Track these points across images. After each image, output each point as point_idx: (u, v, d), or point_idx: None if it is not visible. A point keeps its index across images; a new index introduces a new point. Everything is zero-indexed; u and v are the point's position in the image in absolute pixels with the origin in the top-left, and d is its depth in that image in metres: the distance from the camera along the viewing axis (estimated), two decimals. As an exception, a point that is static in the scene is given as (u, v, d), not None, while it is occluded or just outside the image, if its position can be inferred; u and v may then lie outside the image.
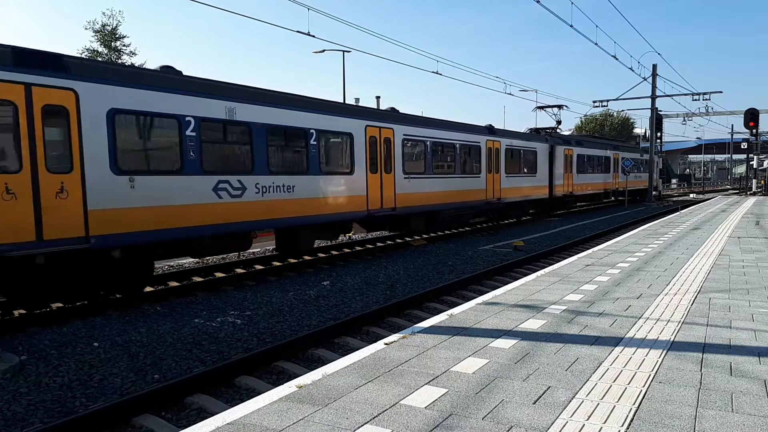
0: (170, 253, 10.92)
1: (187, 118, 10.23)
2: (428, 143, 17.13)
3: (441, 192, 17.84)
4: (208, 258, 14.41)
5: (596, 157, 31.95)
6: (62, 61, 8.67)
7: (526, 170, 23.85)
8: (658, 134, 37.85)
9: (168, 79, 10.27)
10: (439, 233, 19.56)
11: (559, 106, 30.20)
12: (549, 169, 25.86)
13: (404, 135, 15.95)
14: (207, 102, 10.62)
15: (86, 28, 35.36)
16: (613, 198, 35.85)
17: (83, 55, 35.02)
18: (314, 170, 13.01)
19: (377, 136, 14.96)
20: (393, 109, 17.21)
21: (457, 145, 18.74)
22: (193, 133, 10.39)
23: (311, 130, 12.88)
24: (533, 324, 5.82)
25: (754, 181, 43.71)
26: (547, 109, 30.33)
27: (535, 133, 27.50)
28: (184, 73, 10.87)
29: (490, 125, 21.76)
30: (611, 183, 34.42)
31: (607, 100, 37.12)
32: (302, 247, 13.47)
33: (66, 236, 8.46)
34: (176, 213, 10.07)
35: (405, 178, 15.87)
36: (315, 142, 12.99)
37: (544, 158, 25.42)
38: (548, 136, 27.32)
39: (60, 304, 9.84)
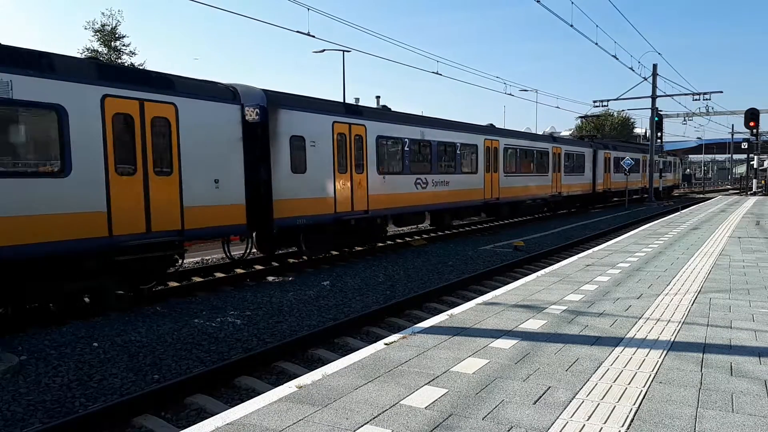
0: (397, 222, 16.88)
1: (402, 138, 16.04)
2: (518, 151, 23.45)
3: (523, 186, 23.80)
4: (207, 258, 14.45)
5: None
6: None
7: (577, 170, 29.61)
8: (659, 134, 37.83)
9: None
10: (439, 233, 19.58)
11: (597, 116, 40.50)
12: (593, 169, 31.52)
13: (505, 145, 22.21)
14: (414, 129, 16.57)
15: (86, 28, 35.35)
16: (644, 195, 40.60)
17: (83, 55, 35.06)
18: (458, 170, 18.78)
19: (490, 146, 20.92)
20: (491, 125, 23.00)
21: (535, 152, 24.99)
22: (407, 149, 16.23)
23: (458, 143, 18.75)
24: (533, 324, 5.82)
25: (754, 181, 43.67)
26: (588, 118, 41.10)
27: (581, 140, 34.21)
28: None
29: (552, 134, 29.49)
30: (640, 181, 40.60)
31: (608, 100, 37.10)
32: (447, 223, 20.13)
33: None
34: (403, 198, 15.94)
35: (504, 176, 21.92)
36: (460, 152, 18.91)
37: (590, 160, 31.20)
38: (591, 141, 33.00)
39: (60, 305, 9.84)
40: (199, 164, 10.14)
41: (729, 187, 76.00)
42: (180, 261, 10.58)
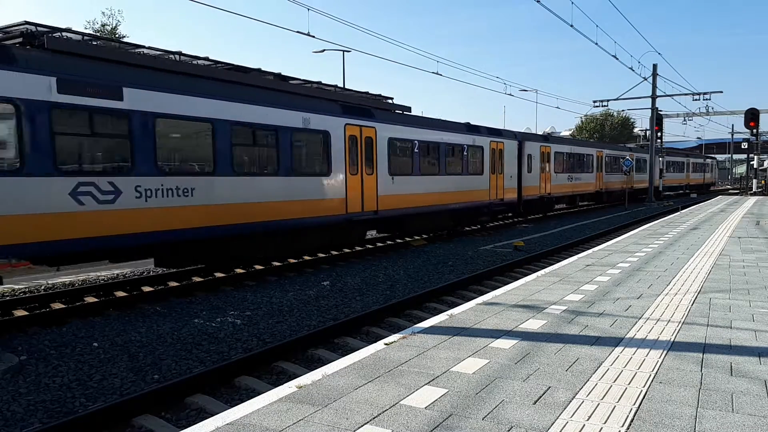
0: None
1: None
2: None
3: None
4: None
5: (677, 163, 49.17)
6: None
7: (618, 171, 35.21)
8: (659, 134, 37.86)
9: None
10: (439, 233, 19.57)
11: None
12: (640, 169, 39.14)
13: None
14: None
15: (86, 28, 35.27)
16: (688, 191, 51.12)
17: None
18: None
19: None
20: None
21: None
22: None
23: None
24: (533, 324, 5.82)
25: (754, 181, 43.65)
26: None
27: (622, 145, 44.07)
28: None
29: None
30: (684, 179, 51.05)
31: (608, 100, 37.19)
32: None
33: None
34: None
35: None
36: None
37: (642, 162, 39.34)
38: (643, 149, 42.32)
39: (60, 305, 9.85)
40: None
41: (729, 187, 76.18)
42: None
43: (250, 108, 11.05)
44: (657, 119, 37.10)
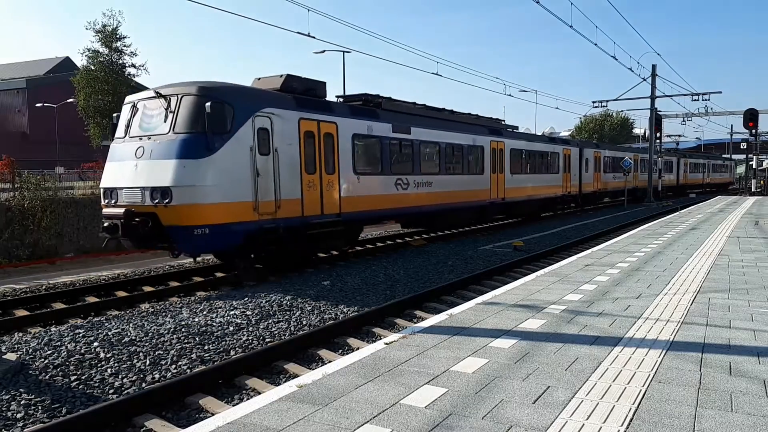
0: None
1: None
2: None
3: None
4: (207, 258, 14.47)
5: (699, 164, 55.17)
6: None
7: (645, 171, 39.84)
8: (658, 134, 37.91)
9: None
10: (439, 233, 19.60)
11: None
12: (667, 170, 45.76)
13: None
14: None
15: (87, 29, 35.23)
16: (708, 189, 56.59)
17: (84, 55, 35.12)
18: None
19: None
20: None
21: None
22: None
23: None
24: (533, 324, 5.83)
25: (753, 181, 43.67)
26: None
27: (666, 150, 49.59)
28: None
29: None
30: (705, 179, 57.21)
31: (607, 101, 37.17)
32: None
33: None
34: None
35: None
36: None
37: (668, 164, 46.19)
38: (668, 151, 48.96)
39: (61, 305, 9.86)
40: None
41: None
42: None
43: (453, 134, 17.74)
44: (656, 120, 37.11)
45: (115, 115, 11.57)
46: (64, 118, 45.05)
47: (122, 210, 10.02)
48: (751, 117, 29.06)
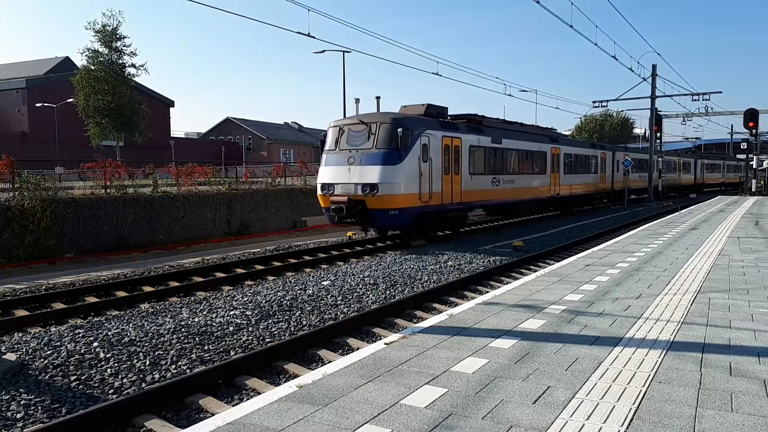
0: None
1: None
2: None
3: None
4: (207, 258, 14.49)
5: (715, 164, 59.15)
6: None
7: (675, 171, 46.93)
8: (658, 134, 37.92)
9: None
10: (439, 233, 19.60)
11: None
12: (685, 170, 50.05)
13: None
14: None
15: (87, 29, 35.22)
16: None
17: (84, 55, 35.08)
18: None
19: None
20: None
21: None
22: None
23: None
24: (533, 324, 5.83)
25: (753, 181, 43.64)
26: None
27: (688, 151, 56.69)
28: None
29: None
30: (721, 178, 61.54)
31: (607, 101, 37.19)
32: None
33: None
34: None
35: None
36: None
37: (692, 165, 51.20)
38: (693, 153, 55.99)
39: (61, 305, 9.86)
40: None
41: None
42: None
43: (527, 143, 22.29)
44: (656, 119, 37.12)
45: (323, 133, 16.88)
46: (64, 118, 45.06)
47: (345, 198, 15.16)
48: (751, 117, 29.06)
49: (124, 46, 35.47)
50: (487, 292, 7.99)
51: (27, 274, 13.67)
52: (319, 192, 16.14)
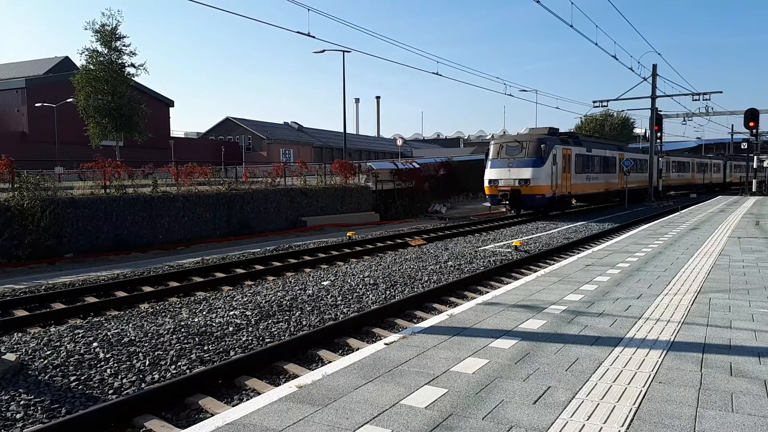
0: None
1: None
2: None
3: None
4: (207, 258, 14.47)
5: (742, 165, 61.25)
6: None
7: (708, 171, 56.06)
8: (658, 134, 37.93)
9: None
10: (439, 234, 19.61)
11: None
12: (720, 171, 59.73)
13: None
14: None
15: (86, 28, 35.18)
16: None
17: (84, 55, 35.03)
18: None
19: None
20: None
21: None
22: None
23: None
24: (533, 324, 5.82)
25: (754, 181, 43.65)
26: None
27: (714, 154, 66.03)
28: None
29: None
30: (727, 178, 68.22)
31: (607, 100, 37.17)
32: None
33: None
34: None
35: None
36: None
37: (717, 165, 58.79)
38: (722, 155, 66.30)
39: (61, 305, 9.86)
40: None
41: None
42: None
43: (605, 151, 31.82)
44: (657, 119, 37.13)
45: (487, 148, 27.22)
46: (63, 118, 45.04)
47: (508, 188, 24.84)
48: (751, 117, 29.05)
49: (124, 45, 35.41)
50: (488, 292, 7.98)
51: (26, 274, 13.66)
52: (486, 185, 26.03)
